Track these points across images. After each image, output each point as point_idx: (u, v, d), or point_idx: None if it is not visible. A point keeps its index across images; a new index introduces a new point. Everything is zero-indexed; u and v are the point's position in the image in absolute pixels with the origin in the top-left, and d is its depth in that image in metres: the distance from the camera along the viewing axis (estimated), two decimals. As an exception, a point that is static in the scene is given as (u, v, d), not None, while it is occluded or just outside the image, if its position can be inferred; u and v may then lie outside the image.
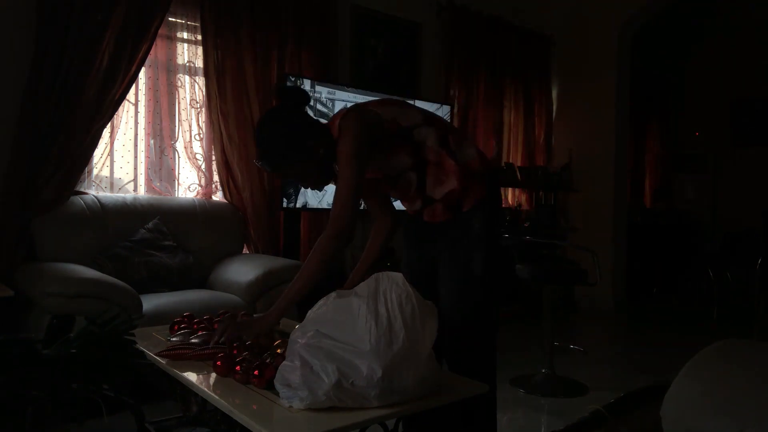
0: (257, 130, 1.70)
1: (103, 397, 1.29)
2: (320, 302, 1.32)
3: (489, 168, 1.78)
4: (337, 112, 1.76)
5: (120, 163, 3.27)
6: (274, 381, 1.25)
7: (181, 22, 3.40)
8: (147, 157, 3.34)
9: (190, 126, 3.45)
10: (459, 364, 1.70)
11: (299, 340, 1.26)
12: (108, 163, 3.20)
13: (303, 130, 1.66)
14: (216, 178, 3.52)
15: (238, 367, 1.36)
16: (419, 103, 4.32)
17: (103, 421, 1.34)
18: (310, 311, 1.32)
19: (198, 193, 3.52)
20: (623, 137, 5.53)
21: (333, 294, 1.33)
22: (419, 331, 1.24)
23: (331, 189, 1.72)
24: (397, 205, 1.95)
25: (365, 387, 1.18)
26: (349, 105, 1.87)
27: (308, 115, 1.74)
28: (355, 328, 1.22)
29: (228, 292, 2.93)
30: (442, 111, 4.45)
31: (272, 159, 1.66)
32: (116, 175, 3.26)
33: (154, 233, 3.03)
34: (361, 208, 1.84)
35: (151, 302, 2.58)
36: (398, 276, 1.30)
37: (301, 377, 1.18)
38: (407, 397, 1.23)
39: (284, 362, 1.25)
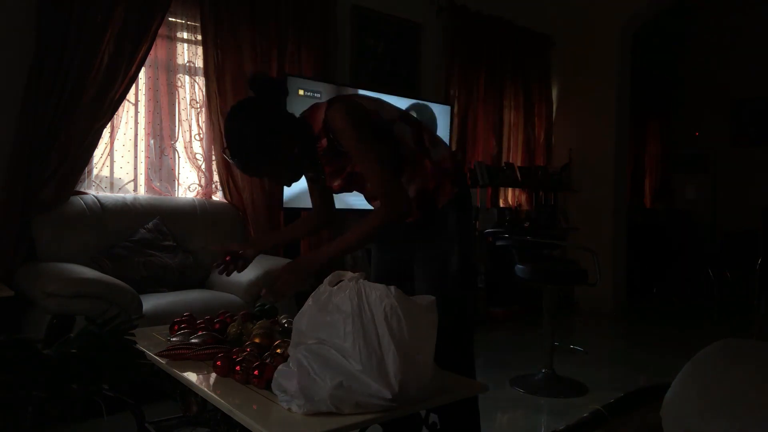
0: (226, 123, 1.61)
1: (103, 397, 1.28)
2: (307, 305, 1.30)
3: (459, 166, 1.79)
4: (316, 105, 1.68)
5: (120, 163, 3.27)
6: (272, 386, 1.24)
7: (181, 22, 3.40)
8: (147, 157, 3.35)
9: (190, 126, 3.45)
10: (437, 361, 1.70)
11: (299, 344, 1.25)
12: (108, 163, 3.21)
13: (276, 127, 1.58)
14: (216, 178, 3.52)
15: (238, 367, 1.36)
16: (419, 103, 4.33)
17: (103, 421, 1.34)
18: (297, 316, 1.31)
19: (198, 193, 3.52)
20: (623, 137, 5.53)
21: (313, 301, 1.29)
22: (407, 341, 1.20)
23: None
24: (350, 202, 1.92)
25: (363, 397, 1.18)
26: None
27: (283, 110, 1.64)
28: (345, 346, 1.20)
29: (228, 292, 2.93)
30: (443, 111, 4.45)
31: (241, 158, 1.59)
32: (116, 175, 3.27)
33: (154, 233, 3.03)
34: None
35: (151, 302, 2.58)
36: (381, 287, 1.25)
37: (297, 384, 1.17)
38: (408, 404, 1.23)
39: (281, 366, 1.25)
